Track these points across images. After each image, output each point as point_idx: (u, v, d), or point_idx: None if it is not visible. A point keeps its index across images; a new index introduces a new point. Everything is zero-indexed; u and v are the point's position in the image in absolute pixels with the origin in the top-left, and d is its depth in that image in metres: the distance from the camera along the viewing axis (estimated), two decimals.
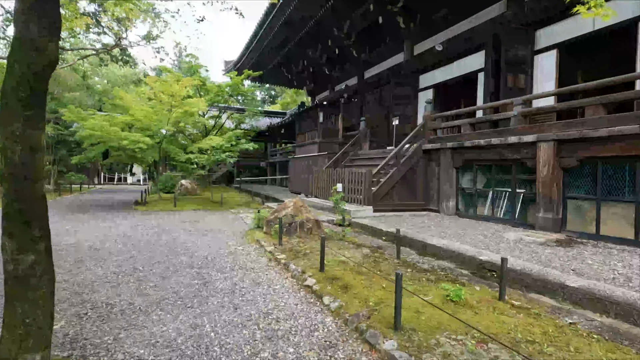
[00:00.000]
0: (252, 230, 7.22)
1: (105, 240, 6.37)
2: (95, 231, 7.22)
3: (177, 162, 12.01)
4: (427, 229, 6.97)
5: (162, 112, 10.83)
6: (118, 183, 26.43)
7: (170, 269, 4.64)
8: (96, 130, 9.44)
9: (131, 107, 10.84)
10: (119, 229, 7.54)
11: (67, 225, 7.92)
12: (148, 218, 9.14)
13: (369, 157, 12.29)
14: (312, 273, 4.19)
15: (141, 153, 10.88)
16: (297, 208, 6.54)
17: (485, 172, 8.19)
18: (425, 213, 9.29)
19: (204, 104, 11.59)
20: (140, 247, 5.84)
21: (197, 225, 8.22)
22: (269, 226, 6.57)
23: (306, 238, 6.03)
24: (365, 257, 4.90)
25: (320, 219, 7.07)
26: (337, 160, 12.75)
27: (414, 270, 4.31)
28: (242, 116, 20.62)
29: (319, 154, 14.03)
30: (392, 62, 14.90)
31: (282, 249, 5.52)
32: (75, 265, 4.74)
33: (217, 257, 5.32)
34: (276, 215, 6.48)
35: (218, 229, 7.73)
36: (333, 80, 20.17)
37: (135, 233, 7.07)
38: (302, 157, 15.74)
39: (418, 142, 9.62)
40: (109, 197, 15.26)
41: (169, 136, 12.43)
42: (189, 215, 9.74)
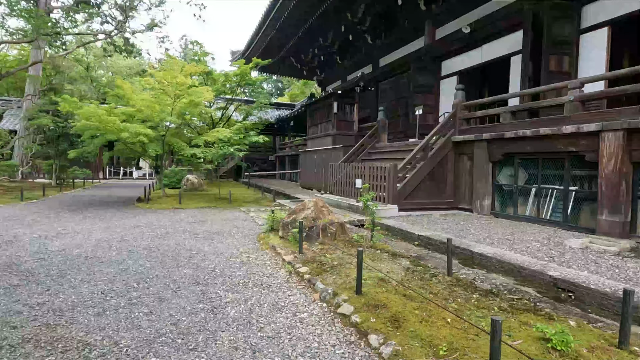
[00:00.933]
0: (265, 233, 6.36)
1: (98, 245, 5.58)
2: (89, 234, 6.44)
3: (182, 156, 11.20)
4: (466, 232, 6.05)
5: (165, 102, 9.99)
6: (124, 178, 25.83)
7: (170, 287, 3.80)
8: (93, 121, 8.64)
9: (132, 97, 10.01)
10: (116, 231, 6.75)
11: (59, 226, 7.15)
12: (150, 217, 8.35)
13: (389, 150, 11.34)
14: (347, 296, 3.32)
15: (143, 146, 10.07)
16: (318, 209, 5.66)
17: (528, 167, 7.21)
18: (456, 212, 8.36)
19: (210, 93, 10.73)
20: (138, 256, 5.02)
21: (203, 226, 7.39)
22: (285, 230, 5.71)
23: (330, 245, 5.15)
24: (408, 272, 4.01)
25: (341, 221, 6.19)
26: (354, 153, 11.82)
27: (474, 292, 3.41)
28: (250, 108, 19.73)
29: (333, 147, 13.10)
30: (411, 48, 13.84)
31: (303, 259, 4.65)
32: (57, 281, 3.93)
33: (226, 268, 4.48)
34: (294, 218, 5.61)
35: (227, 231, 6.90)
36: (345, 69, 19.15)
37: (133, 236, 6.26)
38: (314, 151, 14.83)
39: (447, 134, 8.65)
40: (112, 193, 14.56)
41: (174, 128, 11.63)
42: (195, 214, 8.94)
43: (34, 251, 5.16)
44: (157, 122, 10.03)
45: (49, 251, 5.17)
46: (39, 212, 9.00)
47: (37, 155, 16.13)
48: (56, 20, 21.02)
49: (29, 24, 11.21)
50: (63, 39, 18.30)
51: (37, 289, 3.68)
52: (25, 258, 4.78)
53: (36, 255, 4.91)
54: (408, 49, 14.14)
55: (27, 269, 4.30)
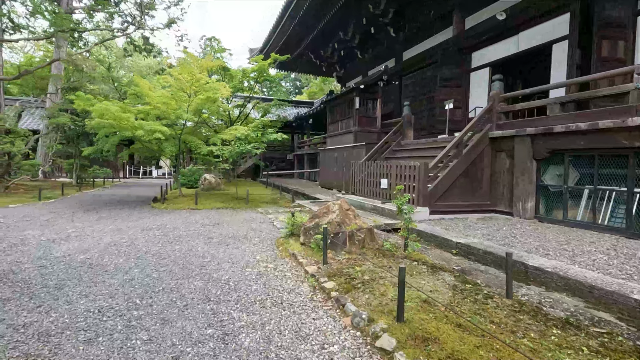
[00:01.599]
0: (285, 238, 5.81)
1: (106, 250, 5.16)
2: (99, 237, 6.06)
3: (198, 154, 10.83)
4: (511, 240, 5.31)
5: (181, 98, 9.61)
6: (143, 177, 25.98)
7: (177, 304, 3.29)
8: (106, 118, 8.33)
9: (148, 93, 9.68)
10: (127, 233, 6.36)
11: (71, 227, 6.83)
12: (164, 219, 7.97)
13: (415, 147, 10.60)
14: (386, 323, 2.70)
15: (159, 144, 9.75)
16: (344, 213, 5.05)
17: (581, 165, 6.36)
18: (493, 216, 7.57)
19: (227, 89, 10.29)
20: (146, 263, 4.56)
21: (218, 229, 6.92)
22: (307, 236, 5.13)
23: (358, 254, 4.54)
24: (455, 292, 3.35)
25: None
26: (377, 151, 11.13)
27: (547, 322, 2.73)
28: (269, 105, 19.29)
29: (354, 144, 12.45)
30: (437, 39, 13.02)
31: (328, 271, 4.06)
32: (53, 294, 3.49)
33: (242, 281, 3.94)
34: (317, 222, 5.03)
35: (243, 235, 6.39)
36: (366, 64, 18.44)
37: (144, 240, 5.84)
38: (334, 149, 14.22)
39: (483, 129, 7.85)
40: (129, 192, 14.41)
41: (191, 127, 11.29)
42: (211, 216, 8.50)
43: (38, 256, 4.79)
44: (173, 119, 9.67)
45: (52, 257, 4.79)
46: (55, 212, 8.79)
47: (58, 154, 16.22)
48: (78, 21, 21.27)
49: (49, 22, 11.14)
50: (83, 38, 18.41)
51: (28, 304, 3.24)
52: (26, 265, 4.40)
53: (38, 262, 4.52)
54: (433, 40, 13.33)
55: (24, 279, 3.90)
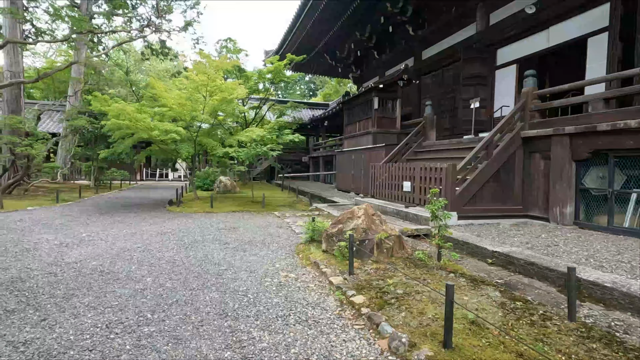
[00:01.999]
0: (305, 244, 5.47)
1: (118, 256, 4.92)
2: (112, 241, 5.85)
3: (214, 156, 10.64)
4: (555, 249, 4.81)
5: (197, 99, 9.44)
6: (160, 179, 26.16)
7: (191, 319, 2.98)
8: (122, 119, 8.21)
9: (163, 95, 9.55)
10: (141, 238, 6.13)
11: (85, 231, 6.66)
12: (179, 223, 7.74)
13: (438, 149, 10.12)
14: (432, 350, 2.31)
15: (174, 145, 9.58)
16: (369, 218, 4.67)
17: (629, 166, 5.79)
18: (527, 221, 7.04)
19: (242, 89, 10.08)
20: (159, 271, 4.29)
21: (235, 234, 6.63)
22: (330, 242, 4.77)
23: (387, 264, 4.15)
24: (506, 311, 2.92)
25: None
26: (398, 153, 10.69)
27: (625, 354, 2.28)
28: (284, 107, 19.08)
29: (373, 146, 12.04)
30: (460, 36, 12.52)
31: (355, 282, 3.69)
32: (60, 305, 3.23)
33: (261, 293, 3.61)
34: (341, 228, 4.66)
35: (261, 240, 6.08)
36: (383, 64, 18.03)
37: (158, 246, 5.59)
38: (352, 151, 13.83)
39: (515, 129, 7.34)
40: (146, 195, 14.37)
41: (207, 129, 11.11)
42: (227, 219, 8.24)
43: (48, 262, 4.58)
44: (188, 120, 9.50)
45: (63, 263, 4.57)
46: (70, 215, 8.70)
47: (77, 156, 16.37)
48: (98, 25, 21.61)
49: (68, 25, 11.24)
50: (102, 42, 18.64)
51: (32, 317, 2.98)
52: (36, 272, 4.18)
53: (48, 269, 4.31)
54: (455, 38, 12.83)
55: (32, 287, 3.67)
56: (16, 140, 10.59)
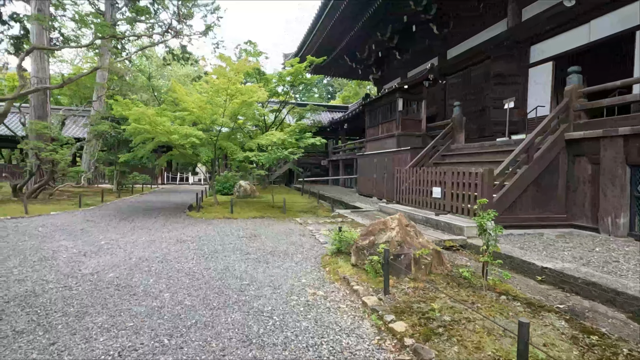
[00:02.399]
0: (332, 257, 5.09)
1: (136, 267, 4.69)
2: (131, 250, 5.65)
3: (234, 160, 10.43)
4: (615, 265, 4.25)
5: (217, 102, 9.25)
6: (180, 183, 26.39)
7: (212, 346, 2.65)
8: (142, 123, 8.10)
9: (184, 98, 9.42)
10: (160, 246, 5.91)
11: (105, 238, 6.51)
12: (199, 229, 7.52)
13: (468, 152, 9.56)
14: None
15: (194, 150, 9.43)
16: (404, 229, 4.25)
17: None
18: (573, 232, 6.43)
19: (263, 92, 9.84)
20: (178, 285, 4.01)
21: (256, 242, 6.33)
22: (360, 256, 4.38)
23: (426, 282, 3.72)
24: (580, 347, 2.45)
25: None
26: (425, 156, 10.19)
27: None
28: (304, 110, 18.83)
29: (397, 149, 11.56)
30: (489, 34, 11.92)
31: (393, 304, 3.28)
32: (71, 326, 2.97)
33: (287, 314, 3.25)
34: (372, 240, 4.26)
35: (284, 250, 5.74)
36: (405, 65, 17.53)
37: (177, 255, 5.34)
38: (374, 154, 13.38)
39: (557, 130, 6.75)
40: (166, 199, 14.35)
41: (227, 132, 10.92)
42: (247, 226, 7.97)
43: (65, 273, 4.38)
44: (208, 124, 9.33)
45: (80, 274, 4.36)
46: (92, 220, 8.64)
47: (101, 161, 16.61)
48: (122, 32, 22.04)
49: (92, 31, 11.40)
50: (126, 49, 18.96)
51: (41, 340, 2.73)
52: (51, 285, 3.97)
53: (63, 281, 4.10)
54: (483, 35, 12.23)
55: (45, 303, 3.44)
56: (41, 145, 10.76)
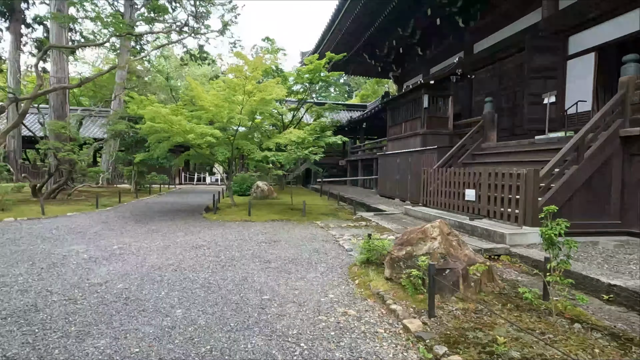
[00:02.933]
0: (361, 267, 4.58)
1: (148, 276, 4.31)
2: (143, 256, 5.30)
3: (252, 160, 10.05)
4: None
5: (234, 100, 8.89)
6: (197, 183, 26.38)
7: None
8: (157, 122, 7.82)
9: (201, 96, 9.11)
10: (174, 252, 5.54)
11: (118, 242, 6.21)
12: (215, 233, 7.14)
13: (503, 151, 8.87)
14: None
15: (211, 149, 9.10)
16: (446, 238, 3.70)
17: None
18: (630, 240, 5.70)
19: (282, 89, 9.42)
20: (191, 299, 3.59)
21: (276, 248, 5.88)
22: (395, 268, 3.85)
23: (478, 303, 3.17)
24: None
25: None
26: (453, 156, 9.53)
27: None
28: (322, 109, 18.36)
29: (422, 148, 10.93)
30: (522, 24, 11.15)
31: (442, 332, 2.75)
32: (69, 352, 2.56)
33: (316, 340, 2.77)
34: (409, 252, 3.73)
35: (307, 258, 5.27)
36: (427, 62, 16.83)
37: (192, 263, 4.95)
38: (397, 154, 12.77)
39: (610, 126, 6.03)
40: (183, 200, 14.14)
41: (244, 132, 10.56)
42: (266, 230, 7.54)
43: (72, 283, 4.04)
44: (225, 122, 8.97)
45: (88, 285, 4.01)
46: (107, 222, 8.42)
47: (119, 161, 16.60)
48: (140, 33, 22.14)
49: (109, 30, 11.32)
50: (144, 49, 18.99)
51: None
52: (55, 297, 3.62)
53: (69, 292, 3.75)
54: (515, 27, 11.47)
55: (44, 320, 3.07)
56: (59, 145, 10.68)
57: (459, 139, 11.03)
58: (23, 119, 9.84)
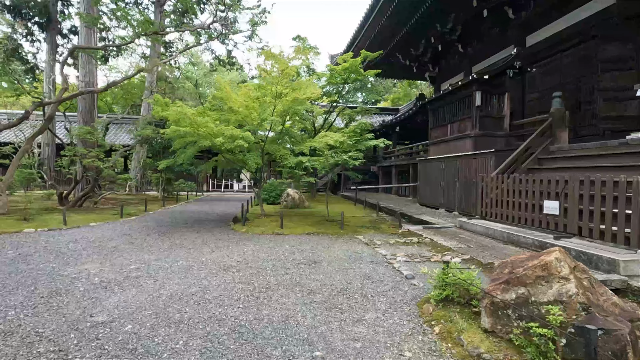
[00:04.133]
0: (437, 306, 3.46)
1: (164, 312, 3.40)
2: (162, 280, 4.43)
3: (285, 167, 9.16)
4: None
5: (265, 100, 8.07)
6: (225, 190, 25.97)
7: None
8: (183, 125, 7.10)
9: (230, 96, 8.35)
10: (199, 276, 4.64)
11: (136, 261, 5.41)
12: (246, 250, 6.23)
13: (579, 154, 7.47)
14: None
15: (242, 155, 8.31)
16: (579, 281, 2.55)
17: None
18: None
19: (316, 88, 8.51)
20: (218, 353, 2.63)
21: (319, 272, 4.86)
22: (499, 318, 2.73)
23: None
24: None
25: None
26: (515, 160, 8.20)
27: None
28: (354, 112, 17.37)
29: (475, 152, 9.64)
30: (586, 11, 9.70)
31: None
32: None
33: None
34: (523, 295, 2.60)
35: (358, 287, 4.21)
36: (469, 59, 15.48)
37: (219, 292, 4.01)
38: (441, 159, 11.51)
39: None
40: (210, 208, 13.46)
41: (274, 136, 9.71)
42: (302, 246, 6.56)
43: (71, 322, 3.20)
44: (256, 125, 8.14)
45: (89, 324, 3.14)
46: (129, 234, 7.73)
47: (147, 168, 16.27)
48: (170, 41, 22.13)
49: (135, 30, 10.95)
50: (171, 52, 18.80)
51: None
52: (42, 346, 2.76)
53: (62, 338, 2.88)
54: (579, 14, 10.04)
55: None
56: (84, 151, 10.29)
57: (517, 141, 9.70)
58: (49, 124, 9.50)
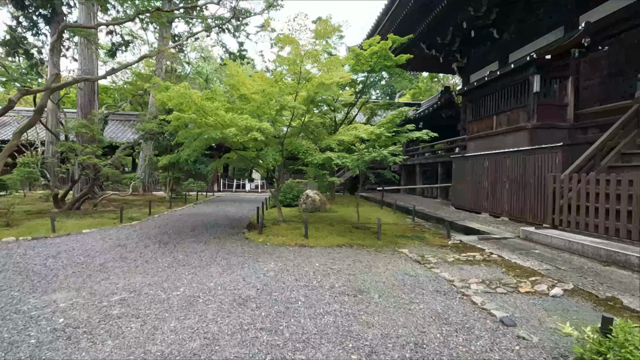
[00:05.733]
0: None
1: None
2: (153, 323, 3.11)
3: (310, 164, 7.81)
4: None
5: (285, 85, 6.74)
6: (237, 190, 24.78)
7: None
8: (186, 109, 5.84)
9: (244, 81, 7.07)
10: (204, 314, 3.32)
11: (124, 285, 4.11)
12: (266, 271, 4.88)
13: None
14: None
15: (255, 153, 7.04)
16: None
17: None
18: None
19: (345, 72, 7.16)
20: None
21: (369, 312, 3.48)
22: None
23: None
24: None
25: None
26: (593, 157, 6.69)
27: None
28: (376, 106, 15.95)
29: (530, 147, 8.13)
30: None
31: None
32: None
33: None
34: None
35: (438, 345, 2.82)
36: (504, 46, 13.91)
37: (233, 345, 2.67)
38: (484, 155, 10.02)
39: None
40: (221, 211, 12.18)
41: (293, 129, 8.35)
42: (336, 265, 5.19)
43: None
44: (274, 115, 6.81)
45: None
46: (125, 244, 6.49)
47: (154, 166, 15.14)
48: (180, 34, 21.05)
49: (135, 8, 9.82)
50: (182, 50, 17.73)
51: None
52: None
53: None
54: None
55: None
56: (78, 147, 9.15)
57: (581, 133, 8.18)
58: (40, 116, 8.36)
